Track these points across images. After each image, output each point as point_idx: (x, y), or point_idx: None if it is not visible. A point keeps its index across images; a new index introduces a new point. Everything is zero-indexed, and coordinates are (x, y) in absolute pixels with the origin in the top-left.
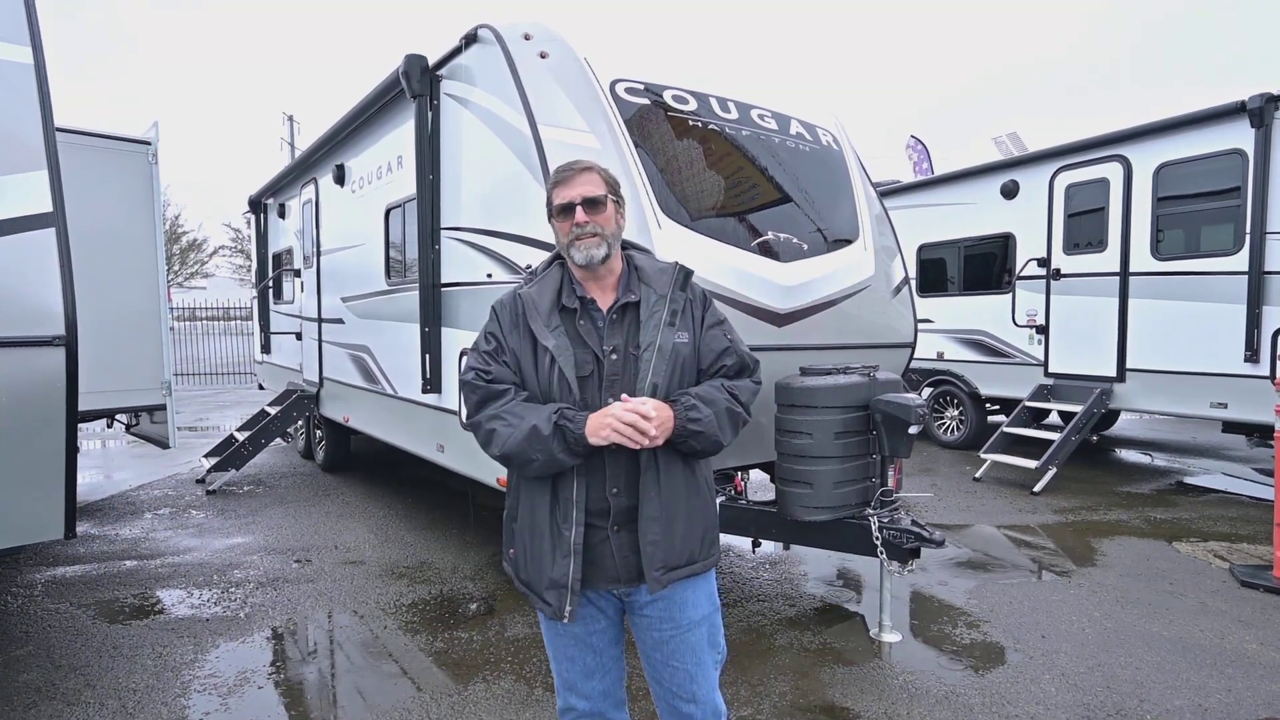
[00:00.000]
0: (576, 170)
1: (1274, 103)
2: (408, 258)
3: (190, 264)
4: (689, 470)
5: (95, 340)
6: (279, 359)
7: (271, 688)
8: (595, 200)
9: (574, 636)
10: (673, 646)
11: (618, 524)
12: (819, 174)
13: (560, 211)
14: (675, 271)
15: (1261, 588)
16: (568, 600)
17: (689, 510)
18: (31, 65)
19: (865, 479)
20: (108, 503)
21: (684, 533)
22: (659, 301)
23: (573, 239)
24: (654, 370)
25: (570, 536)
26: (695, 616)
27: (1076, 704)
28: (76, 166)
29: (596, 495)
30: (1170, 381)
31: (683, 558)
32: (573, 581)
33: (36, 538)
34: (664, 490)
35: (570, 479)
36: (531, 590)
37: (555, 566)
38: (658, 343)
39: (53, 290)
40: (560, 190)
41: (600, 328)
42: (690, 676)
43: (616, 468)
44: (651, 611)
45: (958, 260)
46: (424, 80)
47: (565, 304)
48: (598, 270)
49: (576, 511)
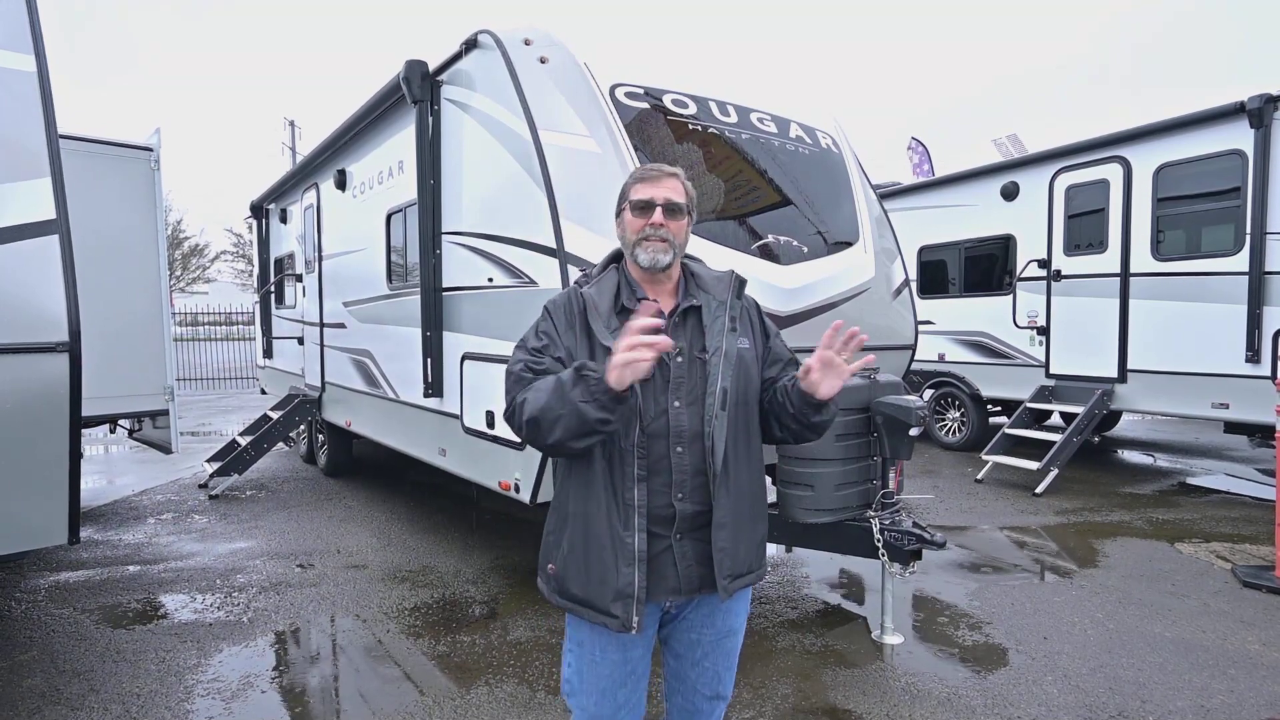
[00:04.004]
0: (664, 173)
1: (1273, 103)
2: (409, 262)
3: (192, 269)
4: (754, 475)
5: (98, 346)
6: (281, 364)
7: (275, 692)
8: (676, 207)
9: (613, 665)
10: (707, 649)
11: (680, 532)
12: (819, 177)
13: (638, 207)
14: (732, 280)
15: (1264, 588)
16: (634, 610)
17: (753, 517)
18: (34, 73)
19: (866, 481)
20: (111, 508)
21: (748, 540)
22: (720, 308)
23: (642, 238)
24: (722, 375)
25: (634, 544)
26: (735, 625)
27: (1079, 705)
28: (79, 173)
29: (660, 501)
30: (1171, 382)
31: (744, 565)
32: (639, 590)
33: (40, 543)
34: (733, 496)
35: (631, 483)
36: (589, 605)
37: (620, 576)
38: (724, 348)
39: (56, 297)
40: (643, 187)
41: (663, 330)
42: (719, 677)
43: (682, 472)
44: (695, 618)
45: (958, 262)
46: (424, 85)
47: (626, 305)
48: (658, 275)
49: (639, 518)
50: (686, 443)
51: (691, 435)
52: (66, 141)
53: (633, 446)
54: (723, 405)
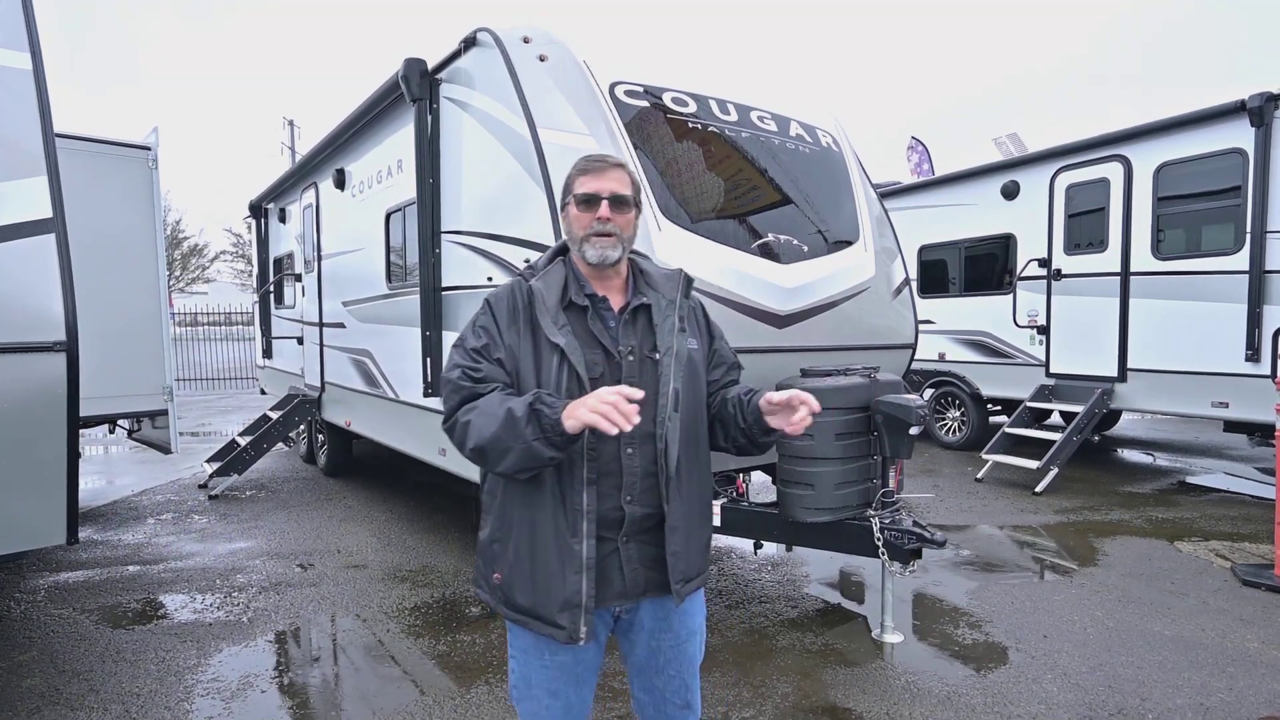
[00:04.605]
0: (609, 164)
1: (1274, 102)
2: (408, 261)
3: (191, 269)
4: (704, 477)
5: (96, 346)
6: (280, 363)
7: (275, 691)
8: (623, 200)
9: (562, 667)
10: (670, 656)
11: (628, 535)
12: (819, 175)
13: (583, 202)
14: (681, 278)
15: (1263, 586)
16: (582, 620)
17: (702, 519)
18: (30, 71)
19: (866, 480)
20: (110, 508)
21: (698, 543)
22: (669, 306)
23: (590, 234)
24: (674, 375)
25: (582, 551)
26: (693, 626)
27: (1078, 704)
28: (77, 173)
29: (609, 504)
30: (1171, 381)
31: (695, 568)
32: (586, 600)
33: (39, 543)
34: (685, 498)
35: (580, 487)
36: (534, 615)
37: (567, 584)
38: (675, 348)
39: (53, 296)
40: (587, 180)
41: (613, 328)
42: (685, 685)
43: (633, 474)
44: (651, 624)
45: (958, 261)
46: (423, 84)
47: (574, 301)
48: (606, 270)
49: (588, 524)
50: (637, 444)
51: (643, 436)
52: (64, 141)
53: (582, 449)
54: (675, 406)
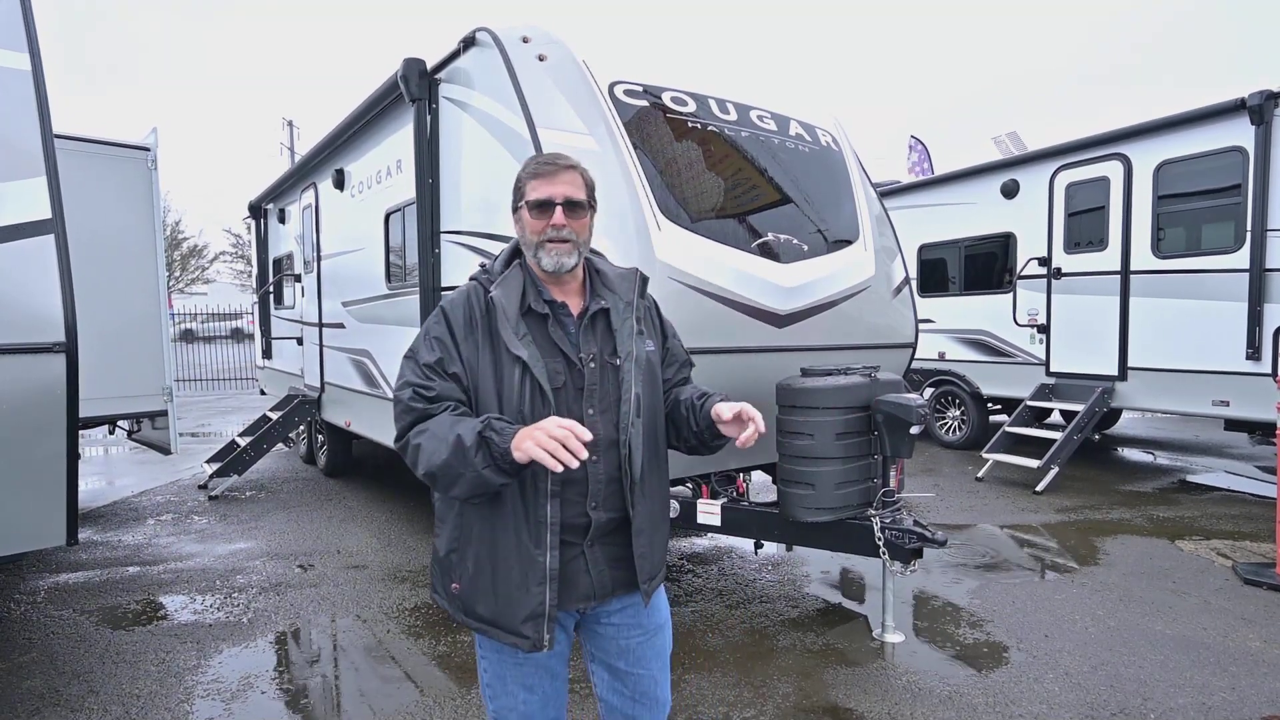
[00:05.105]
0: (560, 166)
1: (1274, 100)
2: (408, 261)
3: (191, 270)
4: (663, 479)
5: (96, 346)
6: (280, 364)
7: (275, 692)
8: (577, 204)
9: (536, 663)
10: (640, 653)
11: (593, 539)
12: (819, 175)
13: (536, 207)
14: (636, 278)
15: (1264, 585)
16: (545, 629)
17: (663, 518)
18: (29, 72)
19: (867, 479)
20: (110, 509)
21: (660, 542)
22: (626, 309)
23: (544, 240)
24: (635, 380)
25: (545, 562)
26: (660, 621)
27: (1080, 703)
28: (76, 173)
29: (573, 511)
30: (1172, 380)
31: (658, 566)
32: (550, 609)
33: (39, 544)
34: (649, 501)
35: (544, 499)
36: (497, 625)
37: (531, 596)
38: (634, 352)
39: (52, 297)
40: (539, 184)
41: (573, 334)
42: (655, 681)
43: (597, 481)
44: (618, 620)
45: (958, 260)
46: (422, 84)
47: (533, 308)
48: (563, 275)
49: (551, 535)
50: (601, 451)
51: (607, 443)
52: (63, 141)
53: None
54: (638, 412)
